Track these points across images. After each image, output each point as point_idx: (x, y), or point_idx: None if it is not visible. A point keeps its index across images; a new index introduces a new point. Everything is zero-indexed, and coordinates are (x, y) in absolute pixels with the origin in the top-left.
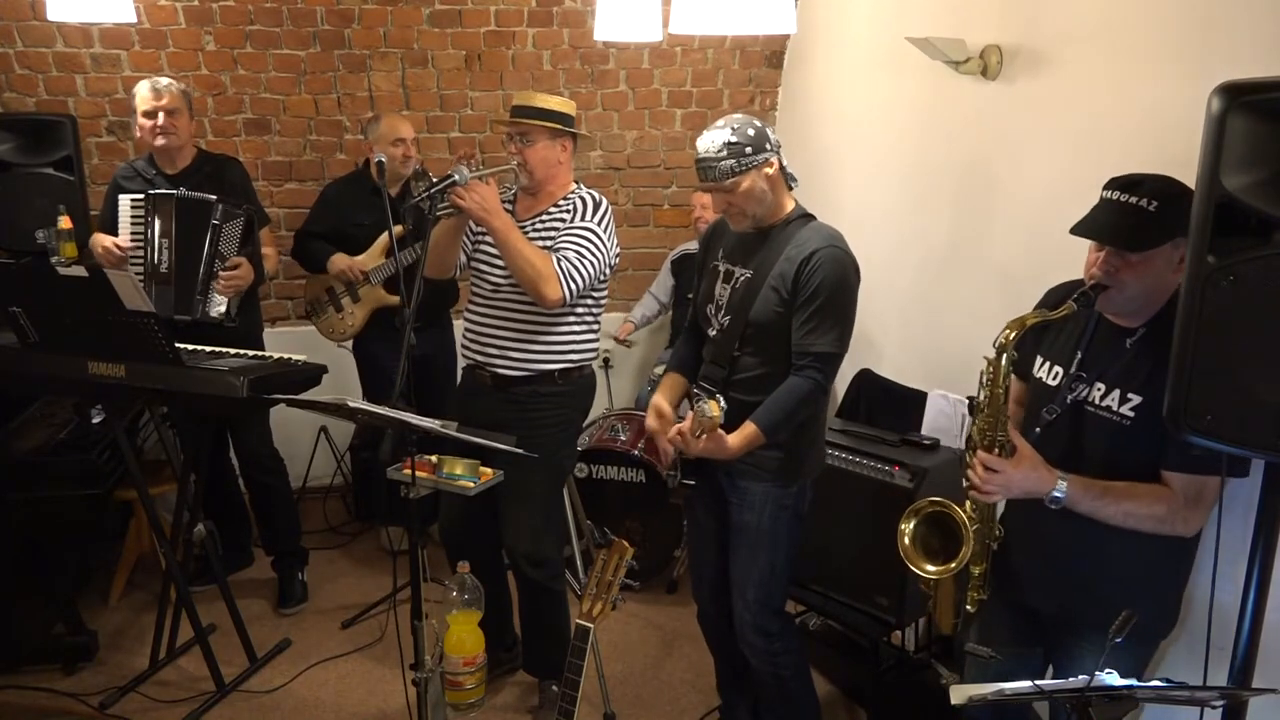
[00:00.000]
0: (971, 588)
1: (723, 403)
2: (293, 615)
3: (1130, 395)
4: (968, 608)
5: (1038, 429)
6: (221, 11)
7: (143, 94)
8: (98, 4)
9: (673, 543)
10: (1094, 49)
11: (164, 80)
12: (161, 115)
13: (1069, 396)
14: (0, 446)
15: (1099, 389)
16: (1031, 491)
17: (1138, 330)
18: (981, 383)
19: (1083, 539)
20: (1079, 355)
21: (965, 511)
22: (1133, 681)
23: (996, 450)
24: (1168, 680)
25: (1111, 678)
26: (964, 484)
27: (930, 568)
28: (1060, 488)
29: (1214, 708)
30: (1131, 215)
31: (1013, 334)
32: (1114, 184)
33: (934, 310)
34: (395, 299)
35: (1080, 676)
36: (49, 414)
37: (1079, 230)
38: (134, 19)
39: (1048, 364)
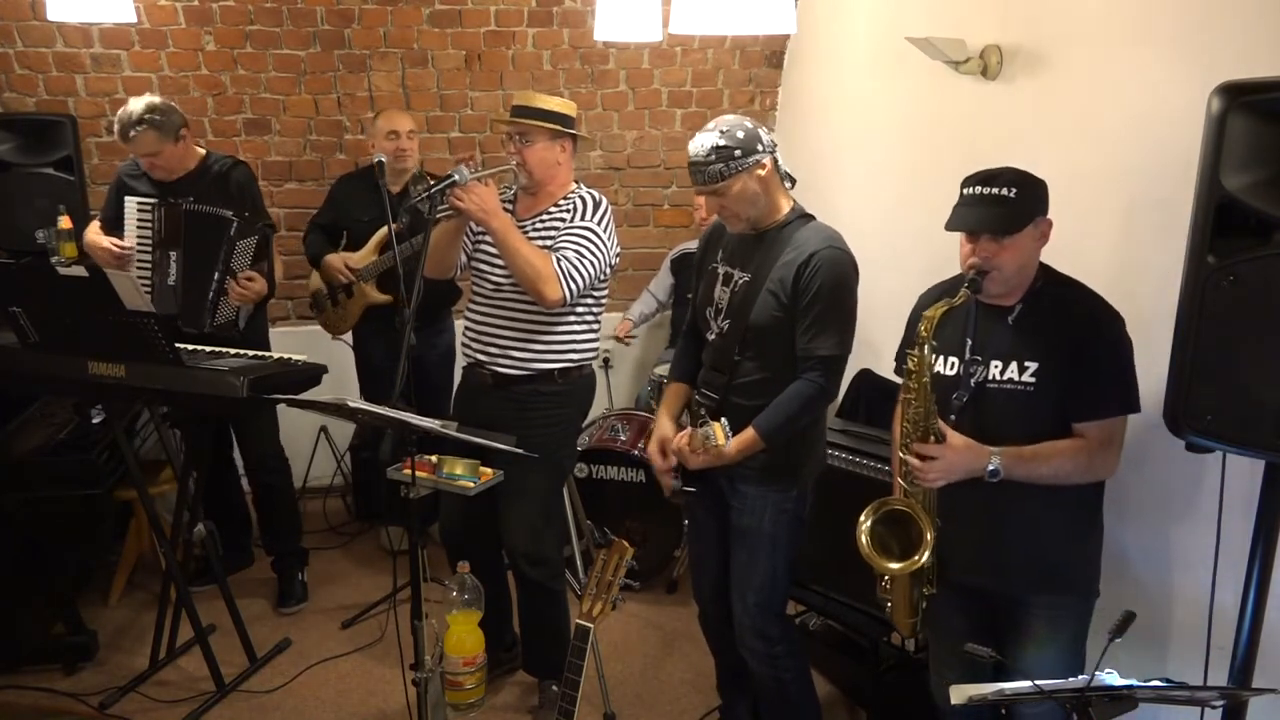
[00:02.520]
0: (923, 583)
1: (728, 429)
2: (293, 615)
3: (1027, 364)
4: (922, 605)
5: (952, 416)
6: (221, 11)
7: (116, 139)
8: (98, 4)
9: (673, 543)
10: (1094, 49)
11: (127, 122)
12: (143, 159)
13: (971, 380)
14: (0, 446)
15: (996, 366)
16: (971, 470)
17: (1015, 307)
18: (905, 377)
19: (1002, 509)
20: (968, 342)
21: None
22: (1133, 681)
23: (933, 439)
24: (1168, 680)
25: (1111, 677)
26: (904, 481)
27: (896, 565)
28: (994, 461)
29: (1214, 708)
30: (997, 204)
31: (927, 327)
32: (973, 180)
33: None
34: (385, 298)
35: (1080, 676)
36: (49, 414)
37: (955, 226)
38: (134, 19)
39: (941, 357)
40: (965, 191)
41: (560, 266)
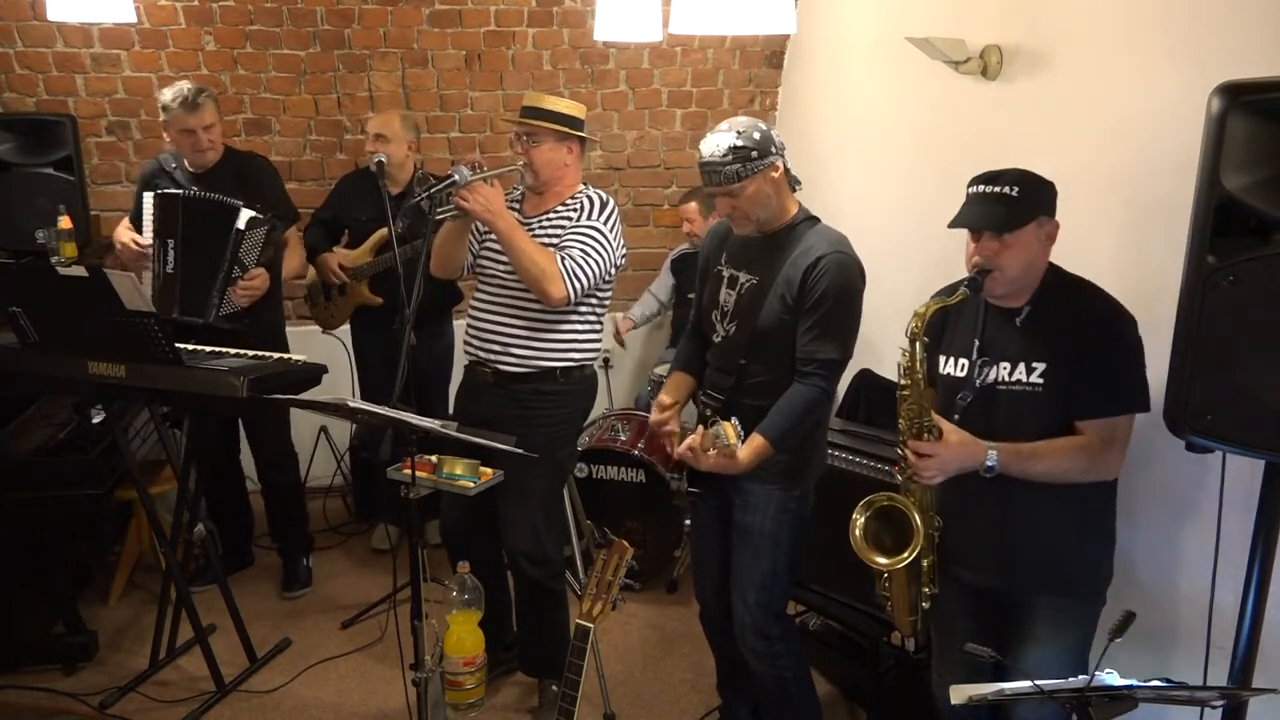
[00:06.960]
0: (923, 583)
1: (738, 427)
2: (292, 616)
3: (1035, 365)
4: (923, 604)
5: (955, 416)
6: (221, 11)
7: (175, 113)
8: (98, 4)
9: (673, 543)
10: (1094, 49)
11: (192, 91)
12: (201, 134)
13: (978, 381)
14: (0, 446)
15: (1004, 368)
16: (966, 465)
17: (1023, 309)
18: (900, 374)
19: (1011, 508)
20: (977, 343)
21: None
22: (1133, 681)
23: (926, 436)
24: (1168, 680)
25: (1111, 677)
26: (900, 477)
27: (884, 560)
28: (991, 456)
29: (1214, 708)
30: (997, 202)
31: (919, 322)
32: (978, 179)
33: None
34: (377, 299)
35: (1080, 676)
36: (49, 414)
37: (957, 223)
38: (134, 19)
39: (952, 359)
40: (970, 191)
41: (565, 265)
